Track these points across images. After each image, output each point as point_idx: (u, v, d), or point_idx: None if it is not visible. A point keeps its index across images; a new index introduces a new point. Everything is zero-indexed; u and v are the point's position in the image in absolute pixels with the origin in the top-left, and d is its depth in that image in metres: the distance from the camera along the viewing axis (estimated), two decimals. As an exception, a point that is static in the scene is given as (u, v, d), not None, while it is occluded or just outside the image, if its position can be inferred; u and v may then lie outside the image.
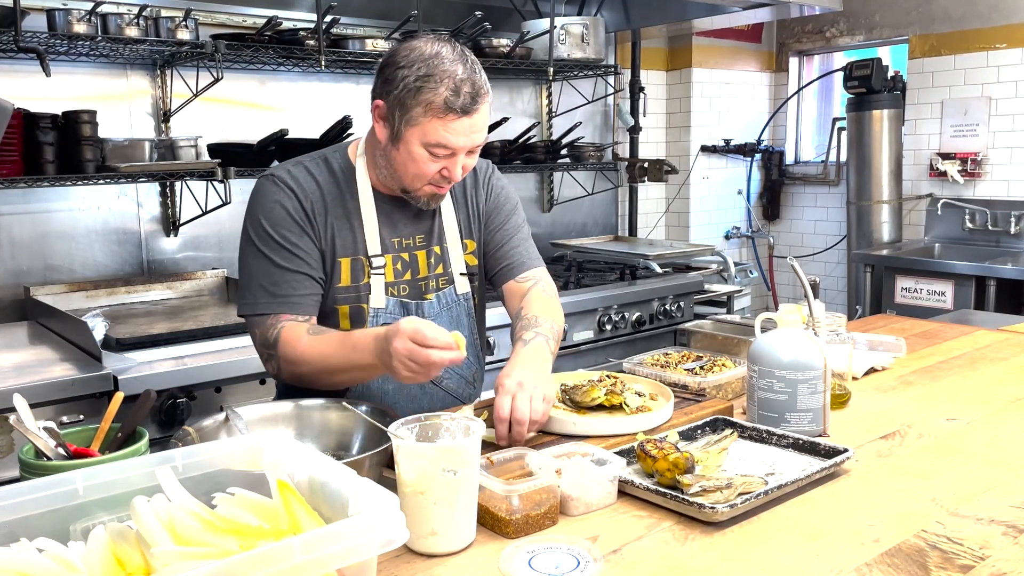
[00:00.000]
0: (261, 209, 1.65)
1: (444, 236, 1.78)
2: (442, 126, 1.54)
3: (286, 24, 3.03)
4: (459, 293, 1.79)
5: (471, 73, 1.56)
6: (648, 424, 1.54)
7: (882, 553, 1.11)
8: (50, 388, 2.07)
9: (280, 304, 1.62)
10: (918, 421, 1.64)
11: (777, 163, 5.21)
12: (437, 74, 1.52)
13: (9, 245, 2.79)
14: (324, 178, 1.69)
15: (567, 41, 3.61)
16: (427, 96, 1.53)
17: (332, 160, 1.73)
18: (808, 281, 1.81)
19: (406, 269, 1.73)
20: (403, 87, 1.54)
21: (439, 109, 1.53)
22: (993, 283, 3.86)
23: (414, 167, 1.60)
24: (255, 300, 1.63)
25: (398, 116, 1.57)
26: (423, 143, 1.57)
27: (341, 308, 1.68)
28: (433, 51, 1.55)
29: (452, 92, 1.53)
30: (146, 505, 0.90)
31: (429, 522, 1.12)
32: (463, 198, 1.82)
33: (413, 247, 1.75)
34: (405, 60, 1.55)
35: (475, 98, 1.55)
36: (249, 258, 1.66)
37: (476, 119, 1.57)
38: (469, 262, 1.81)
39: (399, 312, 1.70)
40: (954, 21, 4.46)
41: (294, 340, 1.57)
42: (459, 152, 1.59)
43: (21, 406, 1.20)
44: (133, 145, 2.73)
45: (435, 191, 1.66)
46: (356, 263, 1.69)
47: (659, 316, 3.48)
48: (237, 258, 1.72)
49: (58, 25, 2.49)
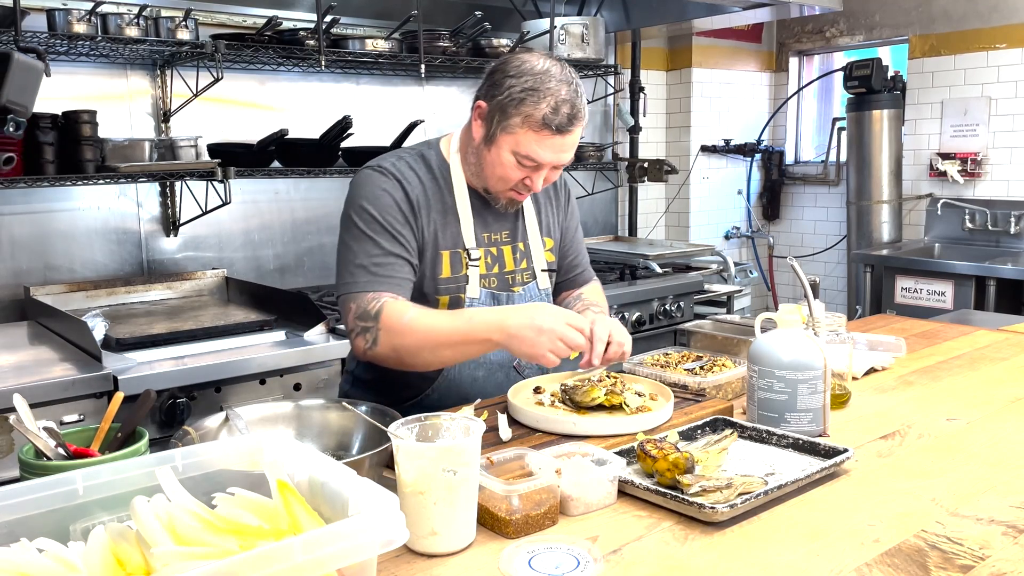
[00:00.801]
0: (368, 195, 1.72)
1: (527, 233, 1.88)
2: (535, 139, 1.63)
3: (286, 24, 3.03)
4: (541, 288, 1.89)
5: (573, 96, 1.64)
6: (648, 424, 1.54)
7: (882, 553, 1.11)
8: (50, 388, 2.07)
9: (382, 283, 1.67)
10: (918, 421, 1.64)
11: (777, 163, 5.21)
12: (542, 90, 1.61)
13: (9, 245, 2.79)
14: (423, 173, 1.77)
15: (567, 41, 3.61)
16: (528, 108, 1.62)
17: (428, 156, 1.80)
18: (808, 281, 1.81)
19: (495, 263, 1.83)
20: (508, 95, 1.62)
21: (536, 123, 1.62)
22: (993, 283, 3.86)
23: (500, 170, 1.69)
24: (355, 279, 1.68)
25: (497, 120, 1.65)
26: (514, 151, 1.66)
27: (442, 298, 1.77)
28: (544, 67, 1.64)
29: (552, 110, 1.61)
30: (146, 505, 0.90)
31: (429, 522, 1.12)
32: (544, 198, 1.93)
33: (500, 242, 1.84)
34: (516, 70, 1.64)
35: (572, 119, 1.64)
36: (351, 240, 1.71)
37: (568, 139, 1.66)
38: (548, 259, 1.92)
39: (490, 303, 1.79)
40: (954, 21, 4.46)
41: (399, 313, 1.63)
42: (545, 166, 1.68)
43: (21, 406, 1.20)
44: (133, 145, 2.73)
45: (514, 196, 1.76)
46: (455, 255, 1.78)
47: (659, 316, 3.48)
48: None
49: (58, 25, 2.49)
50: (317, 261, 3.46)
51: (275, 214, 3.35)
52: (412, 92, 3.65)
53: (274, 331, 2.58)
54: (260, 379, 2.40)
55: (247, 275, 3.24)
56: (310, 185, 3.41)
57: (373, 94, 3.54)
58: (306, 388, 2.48)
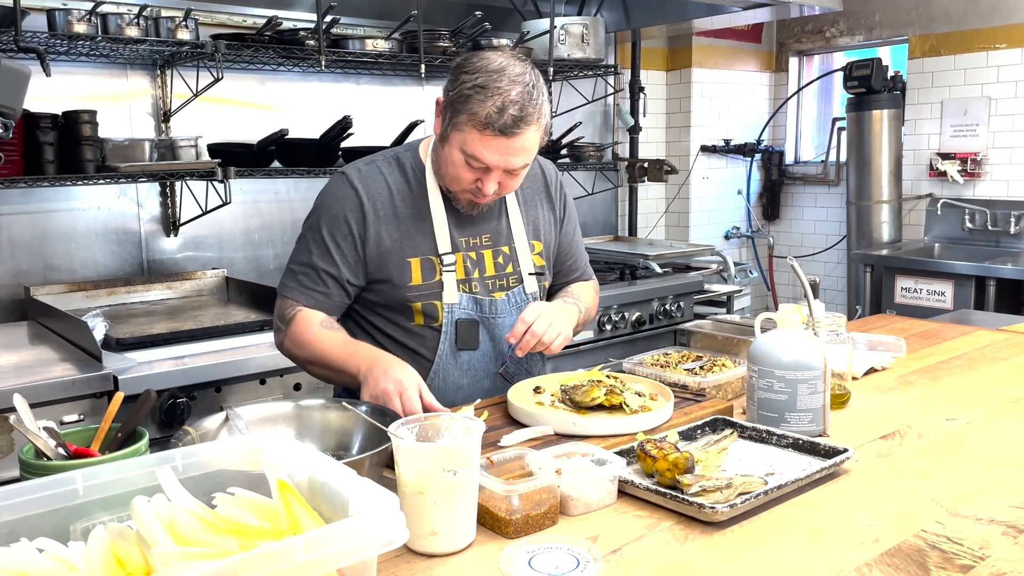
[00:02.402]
0: (324, 202, 1.76)
1: (512, 237, 1.84)
2: (479, 139, 1.59)
3: (286, 24, 3.03)
4: (527, 292, 1.86)
5: (524, 97, 1.57)
6: (648, 424, 1.54)
7: (882, 553, 1.11)
8: (50, 388, 2.07)
9: (301, 292, 1.73)
10: (918, 421, 1.64)
11: (777, 163, 5.21)
12: (491, 88, 1.57)
13: (9, 245, 2.79)
14: (395, 178, 1.76)
15: (567, 41, 3.61)
16: (474, 106, 1.57)
17: (404, 160, 1.79)
18: (808, 281, 1.81)
19: (475, 267, 1.81)
20: (458, 91, 1.60)
21: (479, 122, 1.57)
22: (993, 283, 3.86)
23: (452, 169, 1.66)
24: (286, 281, 1.77)
25: (449, 117, 1.63)
26: (461, 149, 1.62)
27: (414, 305, 1.76)
28: (499, 65, 1.59)
29: (497, 110, 1.56)
30: (146, 505, 0.90)
31: (429, 522, 1.12)
32: (533, 200, 1.90)
33: (480, 246, 1.81)
34: (472, 67, 1.61)
35: (518, 122, 1.57)
36: (299, 239, 1.78)
37: (515, 143, 1.59)
38: (536, 262, 1.88)
39: (472, 307, 1.78)
40: (954, 21, 4.46)
41: (306, 324, 1.70)
42: (494, 169, 1.63)
43: (21, 406, 1.20)
44: (133, 145, 2.73)
45: (471, 199, 1.71)
46: (426, 262, 1.75)
47: (659, 316, 3.48)
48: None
49: (58, 25, 2.49)
50: (317, 261, 3.46)
51: (275, 214, 3.35)
52: (412, 92, 3.65)
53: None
54: (260, 379, 2.41)
55: (247, 275, 3.24)
56: (310, 185, 3.41)
57: (373, 94, 3.54)
58: (306, 388, 2.48)
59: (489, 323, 1.80)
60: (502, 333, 1.79)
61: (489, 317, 1.80)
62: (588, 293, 1.99)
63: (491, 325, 1.80)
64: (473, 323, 1.78)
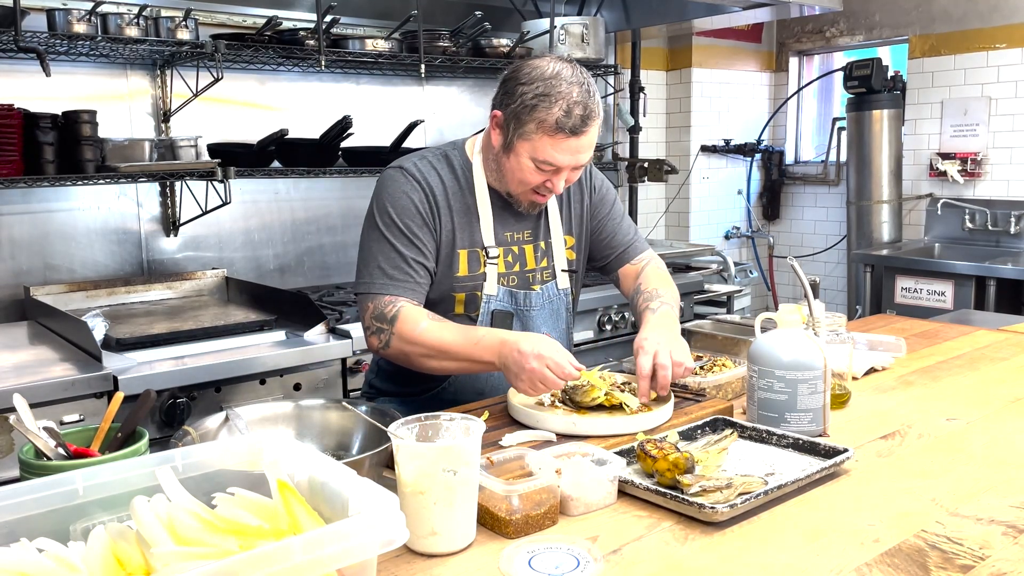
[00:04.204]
0: (389, 197, 1.77)
1: (549, 232, 1.90)
2: (551, 144, 1.65)
3: (286, 24, 3.03)
4: (560, 288, 1.92)
5: (585, 96, 1.65)
6: (648, 424, 1.54)
7: (882, 553, 1.11)
8: (50, 388, 2.07)
9: (398, 287, 1.73)
10: (918, 421, 1.64)
11: (777, 163, 5.21)
12: (553, 94, 1.63)
13: (9, 245, 2.79)
14: (446, 174, 1.81)
15: (567, 41, 3.60)
16: (541, 114, 1.63)
17: (452, 157, 1.84)
18: (808, 281, 1.81)
19: (516, 261, 1.86)
20: (520, 102, 1.65)
21: (550, 128, 1.63)
22: (993, 283, 3.86)
23: (520, 175, 1.72)
24: (373, 280, 1.74)
25: (512, 128, 1.67)
26: (532, 157, 1.68)
27: (458, 295, 1.81)
28: (554, 71, 1.65)
29: (564, 113, 1.63)
30: (146, 505, 0.90)
31: (429, 522, 1.12)
32: (567, 196, 1.93)
33: (522, 241, 1.87)
34: (527, 77, 1.66)
35: (585, 120, 1.65)
36: (372, 241, 1.77)
37: (583, 140, 1.67)
38: (568, 257, 1.93)
39: (508, 300, 1.84)
40: (954, 21, 4.46)
41: (414, 321, 1.69)
42: (564, 169, 1.69)
43: (21, 406, 1.20)
44: (133, 145, 2.73)
45: (536, 199, 1.78)
46: (473, 254, 1.81)
47: (659, 316, 3.47)
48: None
49: (58, 25, 2.48)
50: (317, 261, 3.46)
51: (275, 214, 3.35)
52: (412, 92, 3.65)
53: (274, 331, 2.58)
54: (260, 379, 2.40)
55: (247, 275, 3.24)
56: (310, 185, 3.41)
57: (373, 94, 3.54)
58: (306, 388, 2.48)
59: (523, 315, 1.86)
60: (535, 325, 1.85)
61: (523, 310, 1.86)
62: (663, 282, 1.91)
63: (524, 317, 1.86)
64: (508, 315, 1.84)
